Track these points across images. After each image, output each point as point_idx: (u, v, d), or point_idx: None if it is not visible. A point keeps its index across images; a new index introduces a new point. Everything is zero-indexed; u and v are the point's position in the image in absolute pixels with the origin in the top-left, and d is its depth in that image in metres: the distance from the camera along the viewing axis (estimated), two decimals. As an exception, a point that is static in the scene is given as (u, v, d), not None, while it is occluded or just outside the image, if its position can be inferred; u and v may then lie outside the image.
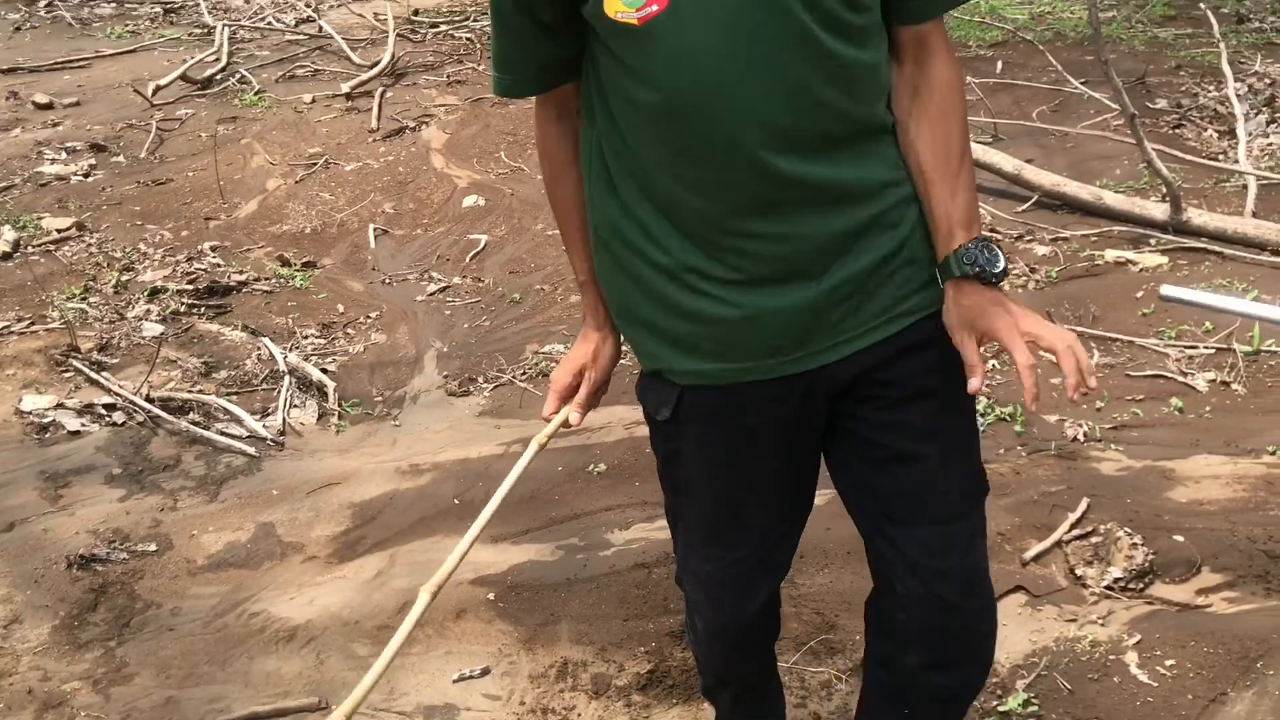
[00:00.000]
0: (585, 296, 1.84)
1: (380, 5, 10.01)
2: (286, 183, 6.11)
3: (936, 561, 1.69)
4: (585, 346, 1.86)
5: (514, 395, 3.99)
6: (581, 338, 1.87)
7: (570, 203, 1.74)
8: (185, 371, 4.14)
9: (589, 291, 1.81)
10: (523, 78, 1.65)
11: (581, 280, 1.81)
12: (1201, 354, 3.94)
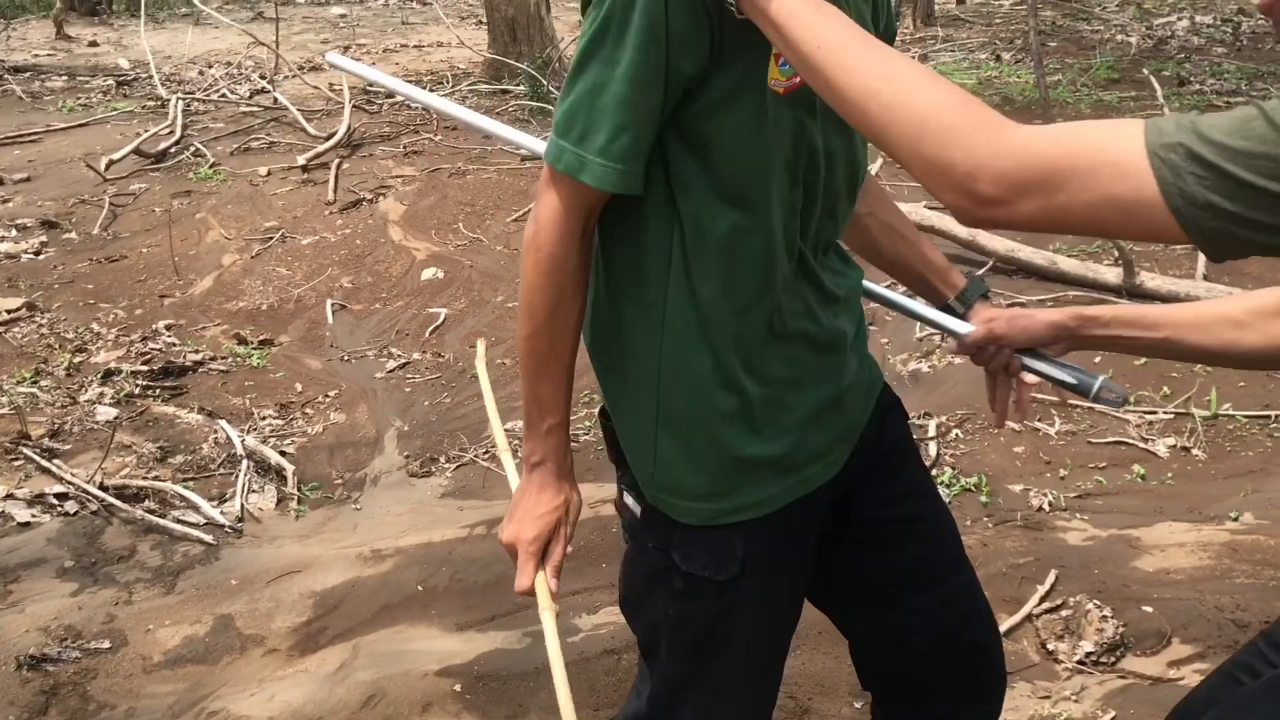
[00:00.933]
0: (550, 441, 1.53)
1: (335, 76, 10.04)
2: (242, 258, 6.06)
3: (963, 610, 1.72)
4: (554, 498, 1.55)
5: (477, 475, 3.95)
6: (540, 488, 1.55)
7: (570, 331, 1.47)
8: (140, 457, 4.06)
9: (557, 435, 1.53)
10: (640, 168, 1.37)
11: (553, 423, 1.52)
12: (1161, 419, 3.98)
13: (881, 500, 1.69)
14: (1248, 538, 3.32)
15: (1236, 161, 1.00)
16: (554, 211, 1.39)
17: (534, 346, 1.46)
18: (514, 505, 1.58)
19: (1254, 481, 3.62)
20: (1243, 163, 1.00)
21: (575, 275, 1.43)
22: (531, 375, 1.49)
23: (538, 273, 1.41)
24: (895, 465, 1.71)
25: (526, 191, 6.88)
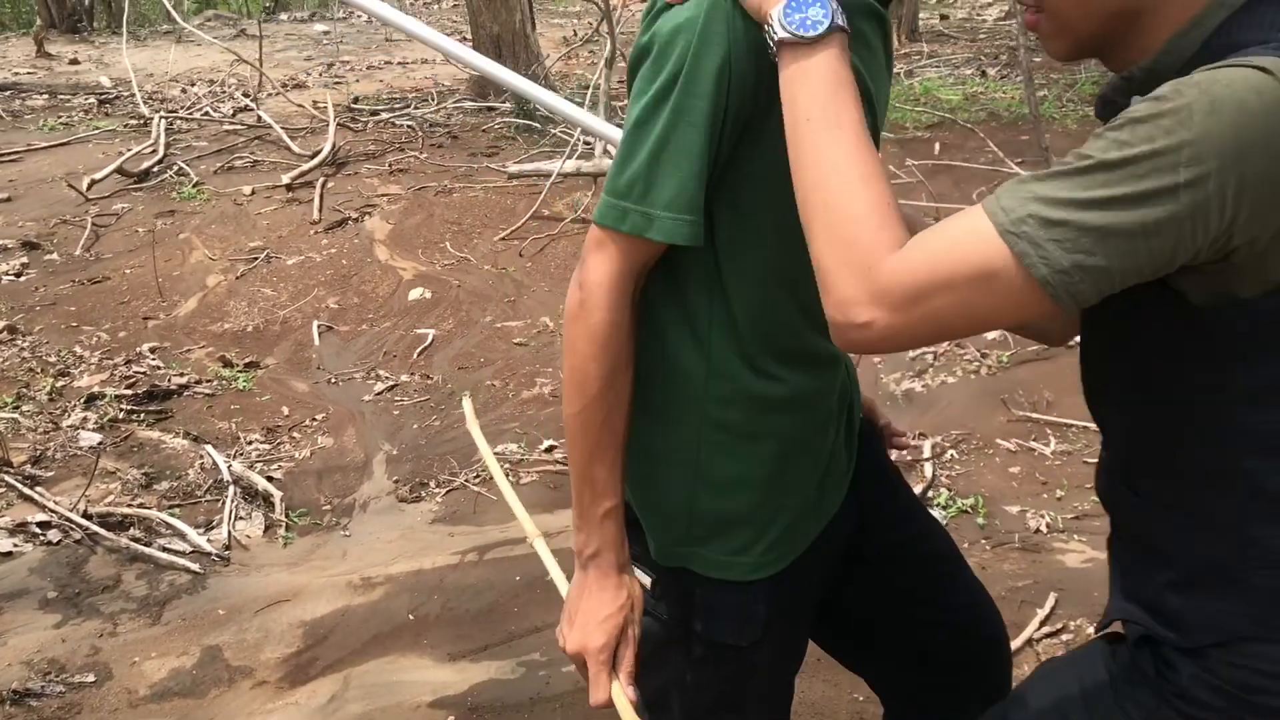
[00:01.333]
0: (607, 528, 1.41)
1: (319, 93, 10.01)
2: (227, 278, 6.00)
3: (973, 610, 1.73)
4: (616, 596, 1.42)
5: (467, 500, 3.89)
6: (600, 586, 1.42)
7: (625, 403, 1.38)
8: (125, 484, 3.99)
9: (614, 521, 1.41)
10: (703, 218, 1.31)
11: (609, 506, 1.40)
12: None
13: (889, 524, 1.70)
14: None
15: (1091, 209, 1.00)
16: (608, 275, 1.32)
17: (587, 423, 1.37)
18: (573, 608, 1.44)
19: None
20: (1097, 209, 1.00)
21: (629, 342, 1.37)
22: (584, 456, 1.39)
23: (591, 342, 1.33)
24: (889, 487, 1.73)
25: (513, 209, 6.85)
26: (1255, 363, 1.08)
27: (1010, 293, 1.04)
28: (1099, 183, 0.99)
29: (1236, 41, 1.04)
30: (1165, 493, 1.19)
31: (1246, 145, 0.95)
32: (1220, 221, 0.98)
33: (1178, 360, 1.12)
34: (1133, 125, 0.99)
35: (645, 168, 1.28)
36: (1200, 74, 0.98)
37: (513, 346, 5.14)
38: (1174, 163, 0.96)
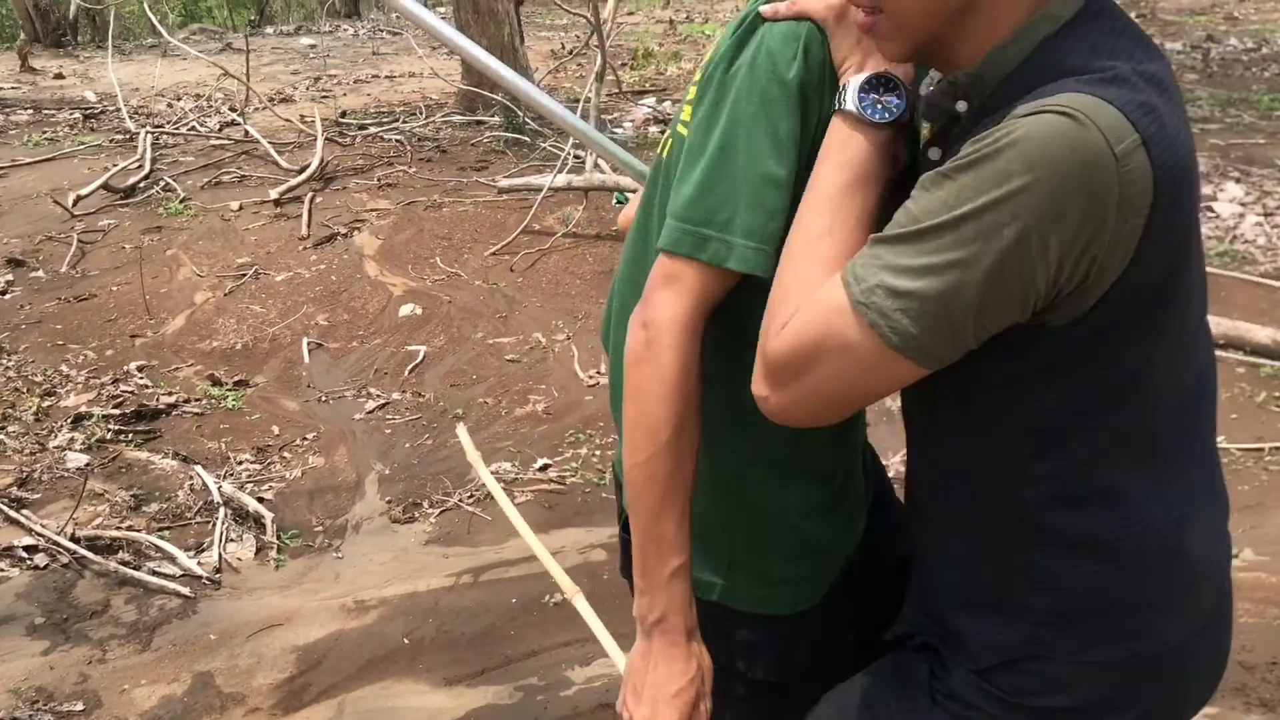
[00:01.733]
0: (675, 590, 1.30)
1: (307, 108, 9.97)
2: (215, 295, 5.94)
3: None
4: (686, 668, 1.32)
5: (461, 520, 3.85)
6: (668, 657, 1.31)
7: (694, 451, 1.29)
8: (113, 506, 3.93)
9: (682, 582, 1.30)
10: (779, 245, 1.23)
11: (678, 565, 1.29)
12: (1154, 453, 3.93)
13: (896, 541, 1.65)
14: (1249, 575, 3.27)
15: (929, 275, 1.01)
16: (680, 312, 1.23)
17: (655, 473, 1.25)
18: (638, 680, 1.33)
19: (1251, 517, 3.58)
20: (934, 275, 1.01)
21: (699, 385, 1.27)
22: (651, 510, 1.27)
23: (661, 384, 1.23)
24: (888, 502, 1.70)
25: (504, 224, 6.81)
26: (1042, 391, 1.09)
27: (874, 362, 1.06)
28: (933, 248, 1.00)
29: (1057, 64, 1.04)
30: (952, 513, 1.21)
31: (1063, 202, 0.96)
32: (1049, 274, 0.99)
33: (979, 388, 1.13)
34: (959, 178, 1.00)
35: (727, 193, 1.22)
36: (1017, 124, 0.98)
37: (505, 363, 5.09)
38: (997, 223, 0.98)
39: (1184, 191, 1.02)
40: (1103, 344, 1.06)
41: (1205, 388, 1.20)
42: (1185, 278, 1.08)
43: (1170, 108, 1.03)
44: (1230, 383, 4.40)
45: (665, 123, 9.21)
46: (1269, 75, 10.05)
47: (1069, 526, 1.13)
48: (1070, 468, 1.11)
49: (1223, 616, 1.28)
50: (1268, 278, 5.33)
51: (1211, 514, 1.25)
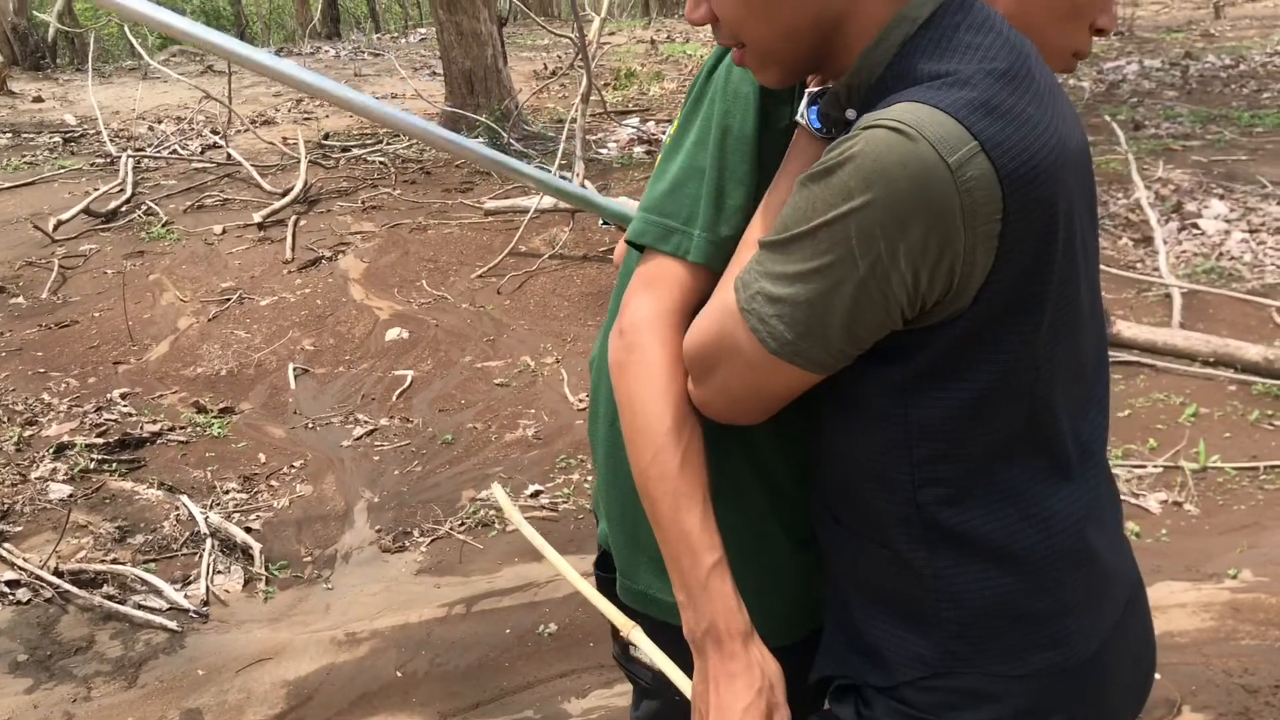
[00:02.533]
0: (717, 592, 1.21)
1: (290, 130, 9.93)
2: (199, 321, 5.88)
3: None
4: (751, 682, 1.21)
5: (453, 549, 3.79)
6: (728, 674, 1.21)
7: (700, 443, 1.23)
8: (97, 538, 3.86)
9: (723, 580, 1.21)
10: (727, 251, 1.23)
11: (713, 561, 1.20)
12: (1150, 473, 3.92)
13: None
14: (1249, 596, 3.25)
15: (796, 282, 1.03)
16: (655, 311, 1.23)
17: (664, 469, 1.20)
18: (702, 705, 1.23)
19: (1249, 536, 3.56)
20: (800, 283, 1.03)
21: (681, 385, 1.22)
22: (670, 510, 1.20)
23: (650, 382, 1.21)
24: None
25: (490, 246, 6.78)
26: (926, 396, 1.09)
27: (761, 366, 1.09)
28: (798, 256, 1.03)
29: (911, 68, 1.04)
30: (859, 523, 1.20)
31: (903, 216, 0.97)
32: (906, 284, 1.00)
33: (867, 395, 1.13)
34: (812, 189, 1.01)
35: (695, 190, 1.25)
36: (857, 138, 0.99)
37: (494, 387, 5.05)
38: (844, 235, 0.99)
39: (1051, 186, 1.00)
40: (981, 345, 1.05)
41: (1097, 387, 1.20)
42: (1066, 272, 1.06)
43: (1028, 101, 1.01)
44: (1222, 401, 4.39)
45: (650, 143, 9.21)
46: (1248, 92, 10.12)
47: (969, 529, 1.12)
48: (963, 469, 1.11)
49: (1136, 623, 1.25)
50: (1255, 294, 5.34)
51: (1112, 515, 1.24)
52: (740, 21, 1.11)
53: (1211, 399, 4.40)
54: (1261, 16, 14.19)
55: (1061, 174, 1.02)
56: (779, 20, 1.09)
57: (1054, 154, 1.01)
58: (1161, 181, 7.06)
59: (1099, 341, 1.20)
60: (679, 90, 11.88)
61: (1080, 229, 1.08)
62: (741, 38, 1.13)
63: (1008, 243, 0.99)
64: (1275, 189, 6.87)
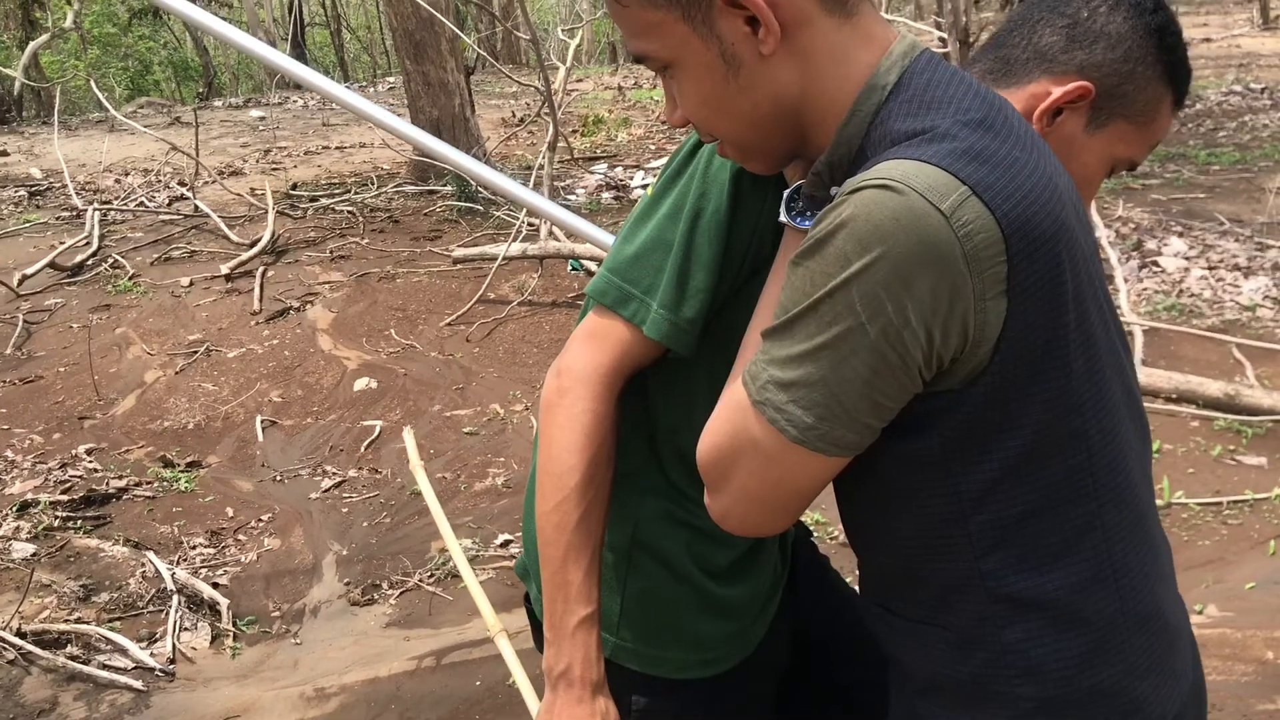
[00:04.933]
0: (580, 641, 1.30)
1: (257, 180, 9.93)
2: (166, 374, 5.85)
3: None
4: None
5: (422, 601, 3.77)
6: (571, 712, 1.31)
7: (605, 500, 1.32)
8: (61, 597, 3.82)
9: (588, 634, 1.30)
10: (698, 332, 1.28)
11: (584, 615, 1.29)
12: (1115, 510, 3.94)
13: (828, 619, 1.66)
14: (1215, 632, 3.27)
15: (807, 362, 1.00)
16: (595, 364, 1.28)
17: (563, 518, 1.27)
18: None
19: (1214, 571, 3.59)
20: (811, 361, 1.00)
21: (613, 436, 1.30)
22: (558, 557, 1.28)
23: (571, 432, 1.27)
24: (820, 574, 1.69)
25: (459, 294, 6.79)
26: (970, 461, 1.05)
27: (782, 458, 1.05)
28: (804, 335, 1.00)
29: (889, 131, 1.03)
30: (916, 608, 1.16)
31: (906, 272, 0.95)
32: (921, 341, 0.97)
33: (905, 471, 1.09)
34: (807, 264, 0.99)
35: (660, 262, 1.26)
36: (844, 203, 0.97)
37: (463, 436, 5.04)
38: (849, 302, 0.96)
39: (1050, 225, 0.98)
40: (1013, 398, 1.02)
41: (1140, 421, 1.17)
42: (1085, 310, 1.04)
43: (1010, 145, 1.00)
44: (1184, 437, 4.44)
45: (618, 188, 9.27)
46: (1204, 130, 10.31)
47: (1039, 593, 1.08)
48: (1027, 527, 1.06)
49: (1199, 690, 1.23)
50: (1215, 331, 5.41)
51: (1169, 562, 1.21)
52: (707, 120, 1.13)
53: (1174, 435, 4.45)
54: (1216, 57, 14.47)
55: (1059, 213, 1.00)
56: (740, 114, 1.10)
57: (1047, 193, 0.99)
58: (1122, 220, 7.17)
59: (1130, 374, 1.17)
60: (646, 136, 11.98)
61: (1089, 268, 1.06)
62: (715, 134, 1.15)
63: (1017, 286, 0.97)
64: (1233, 226, 6.99)
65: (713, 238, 1.24)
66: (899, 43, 1.09)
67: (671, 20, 1.07)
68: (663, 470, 1.39)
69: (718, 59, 1.07)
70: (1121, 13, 1.30)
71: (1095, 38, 1.30)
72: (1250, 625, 3.26)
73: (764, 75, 1.07)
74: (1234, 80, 12.65)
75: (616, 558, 1.41)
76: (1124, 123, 1.32)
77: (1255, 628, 3.24)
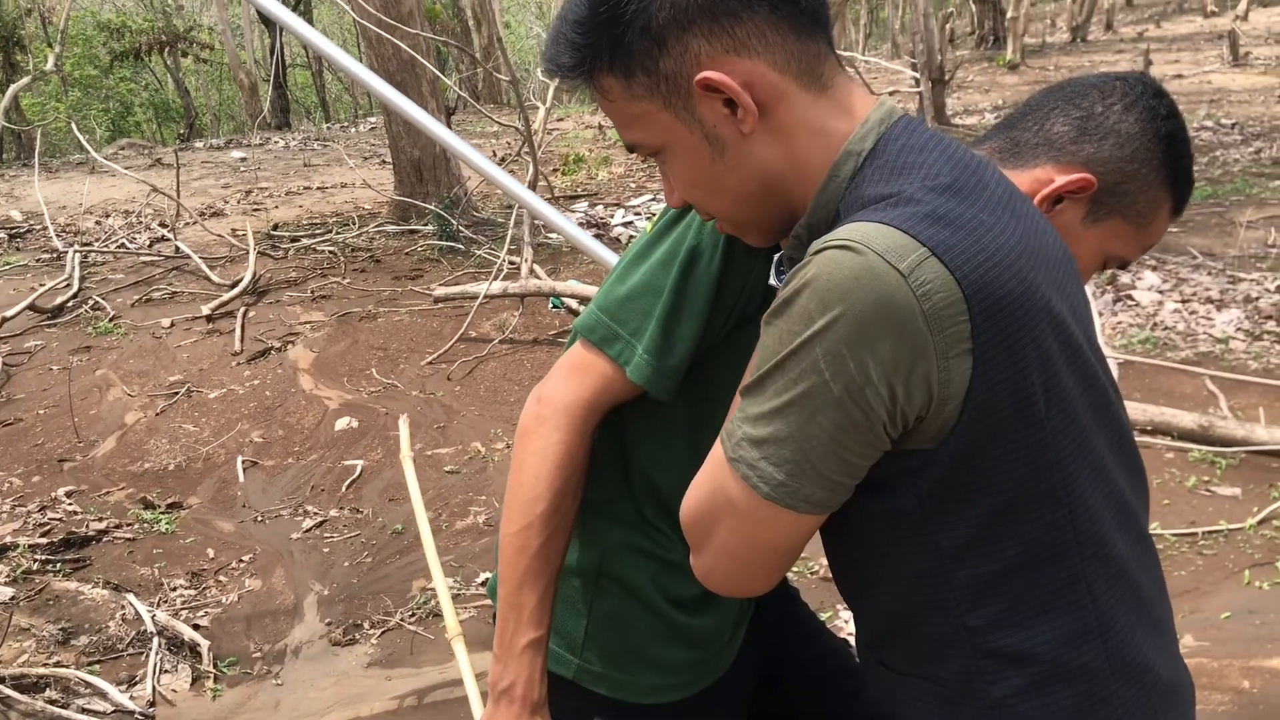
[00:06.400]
0: (526, 661, 1.35)
1: (238, 221, 9.96)
2: (147, 415, 5.85)
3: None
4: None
5: (404, 641, 3.77)
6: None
7: (568, 530, 1.37)
8: (40, 641, 3.80)
9: (534, 655, 1.36)
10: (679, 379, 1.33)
11: (533, 638, 1.35)
12: (1092, 542, 3.98)
13: (795, 648, 1.69)
14: (1191, 662, 3.30)
15: (775, 419, 1.01)
16: (576, 398, 1.33)
17: (525, 542, 1.33)
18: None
19: (1190, 602, 3.62)
20: (779, 418, 1.01)
21: (583, 469, 1.36)
22: (516, 579, 1.34)
23: (543, 461, 1.31)
24: (791, 607, 1.71)
25: (440, 332, 6.81)
26: (948, 518, 1.06)
27: (757, 515, 1.06)
28: (772, 392, 1.01)
29: (862, 195, 1.06)
30: (906, 661, 1.17)
31: (867, 330, 0.96)
32: (884, 398, 0.98)
33: (885, 528, 1.10)
34: (776, 323, 1.01)
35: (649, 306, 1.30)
36: (809, 263, 0.99)
37: (444, 475, 5.05)
38: (813, 360, 0.98)
39: (1016, 284, 0.99)
40: (986, 455, 1.02)
41: (1136, 473, 1.17)
42: (1061, 367, 1.04)
43: (979, 208, 1.02)
44: (1160, 469, 4.49)
45: (599, 226, 9.33)
46: (1176, 165, 10.44)
47: (1025, 648, 1.08)
48: (1010, 582, 1.07)
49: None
50: (1189, 364, 5.48)
51: (1164, 607, 1.20)
52: (701, 200, 1.17)
53: (1150, 467, 4.49)
54: (1188, 93, 14.69)
55: (1027, 274, 1.01)
56: (730, 191, 1.14)
57: (1013, 255, 1.00)
58: (1096, 254, 7.25)
59: (1123, 426, 1.16)
60: (627, 175, 12.06)
61: (1065, 327, 1.05)
62: (711, 212, 1.18)
63: (981, 345, 0.98)
64: (1205, 260, 7.09)
65: (703, 289, 1.28)
66: (876, 110, 1.12)
67: (655, 110, 1.12)
68: (634, 502, 1.43)
69: (703, 142, 1.11)
70: (1134, 114, 1.33)
71: (1105, 134, 1.33)
72: (1226, 655, 3.28)
73: (748, 153, 1.11)
74: (1205, 116, 12.85)
75: (583, 582, 1.44)
76: (1121, 221, 1.36)
77: (1231, 657, 3.26)
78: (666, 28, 1.07)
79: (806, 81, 1.10)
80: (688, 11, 1.06)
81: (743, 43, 1.07)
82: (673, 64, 1.08)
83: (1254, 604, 3.55)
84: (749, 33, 1.07)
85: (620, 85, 1.12)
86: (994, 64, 19.11)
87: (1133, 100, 1.34)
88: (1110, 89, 1.36)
